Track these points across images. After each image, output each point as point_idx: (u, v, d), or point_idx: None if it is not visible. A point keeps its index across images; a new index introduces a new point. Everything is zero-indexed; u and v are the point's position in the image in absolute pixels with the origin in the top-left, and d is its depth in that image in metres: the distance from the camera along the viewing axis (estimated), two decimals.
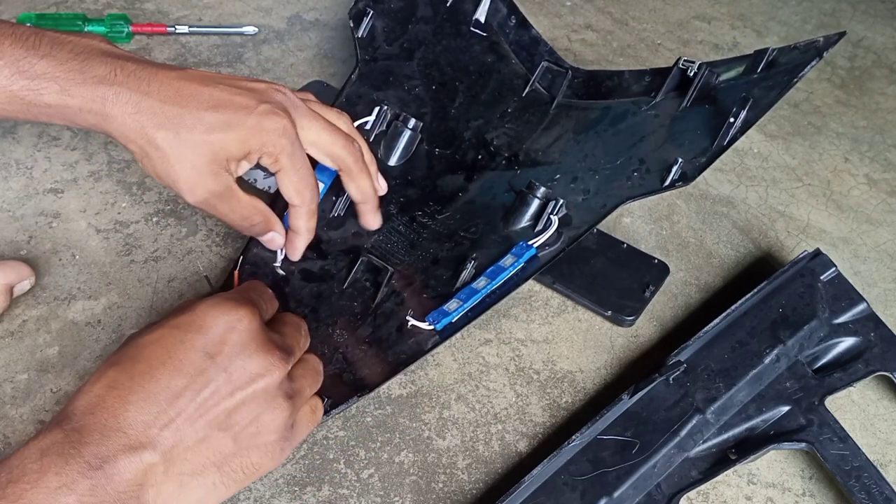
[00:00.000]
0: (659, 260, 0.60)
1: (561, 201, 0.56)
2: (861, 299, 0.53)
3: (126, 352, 0.37)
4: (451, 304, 0.52)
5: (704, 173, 0.69)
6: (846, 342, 0.53)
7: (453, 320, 0.51)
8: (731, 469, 0.48)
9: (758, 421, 0.49)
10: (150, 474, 0.34)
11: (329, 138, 0.50)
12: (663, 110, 0.60)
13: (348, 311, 0.52)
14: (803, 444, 0.48)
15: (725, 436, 0.49)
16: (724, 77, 0.58)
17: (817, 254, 0.55)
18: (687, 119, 0.58)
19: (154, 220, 0.61)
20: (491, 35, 0.67)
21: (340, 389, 0.48)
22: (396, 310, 0.52)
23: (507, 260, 0.54)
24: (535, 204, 0.56)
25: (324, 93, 0.70)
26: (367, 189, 0.53)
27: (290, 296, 0.53)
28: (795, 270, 0.54)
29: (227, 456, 0.37)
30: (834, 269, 0.55)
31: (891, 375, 0.51)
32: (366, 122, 0.61)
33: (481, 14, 0.66)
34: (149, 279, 0.57)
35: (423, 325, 0.51)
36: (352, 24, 0.64)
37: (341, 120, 0.54)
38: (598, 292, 0.57)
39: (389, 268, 0.52)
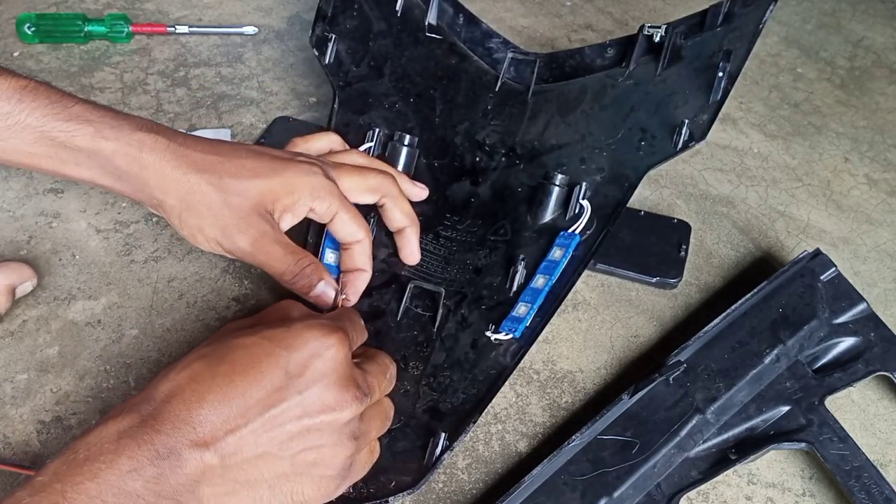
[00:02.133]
0: (679, 220, 0.63)
1: (584, 184, 0.56)
2: (861, 299, 0.53)
3: (216, 349, 0.37)
4: (521, 309, 0.51)
5: (704, 173, 0.70)
6: (846, 342, 0.53)
7: (528, 324, 0.51)
8: (731, 469, 0.48)
9: (758, 421, 0.49)
10: (208, 474, 0.35)
11: (361, 177, 0.52)
12: (640, 78, 0.61)
13: (412, 342, 0.52)
14: (803, 444, 0.48)
15: (725, 436, 0.49)
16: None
17: (817, 254, 0.55)
18: (669, 82, 0.60)
19: (154, 220, 0.61)
20: (446, 37, 0.67)
21: (448, 421, 0.47)
22: (460, 328, 0.52)
23: (556, 252, 0.54)
24: (557, 192, 0.57)
25: (290, 127, 0.69)
26: (410, 210, 0.54)
27: None
28: (795, 270, 0.54)
29: (281, 477, 0.37)
30: (834, 269, 0.55)
31: (891, 375, 0.51)
32: (365, 150, 0.61)
33: (432, 17, 0.66)
34: (149, 279, 0.57)
35: (503, 336, 0.51)
36: (316, 53, 0.63)
37: (360, 158, 0.55)
38: (637, 262, 0.59)
39: (441, 289, 0.52)
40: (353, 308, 0.49)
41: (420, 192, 0.59)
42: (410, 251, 0.55)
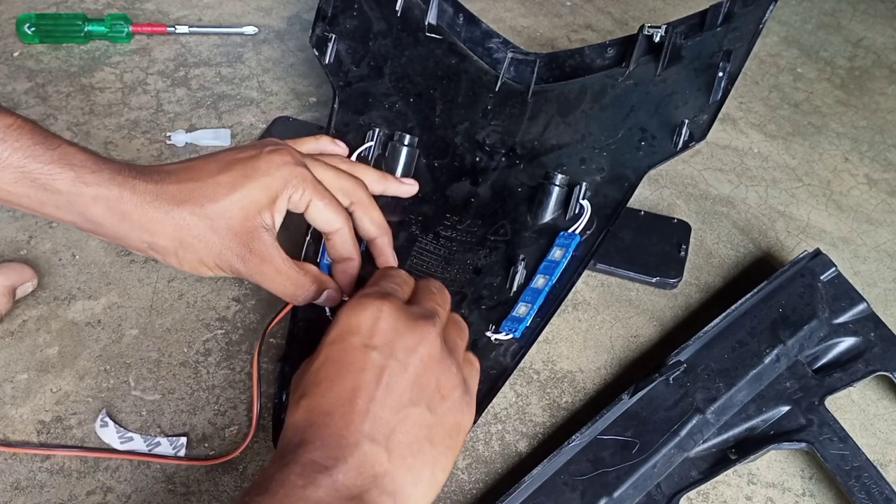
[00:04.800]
0: (679, 219, 0.63)
1: (584, 184, 0.56)
2: (861, 299, 0.53)
3: (306, 383, 0.39)
4: (521, 309, 0.51)
5: (704, 173, 0.70)
6: (846, 342, 0.53)
7: (528, 324, 0.51)
8: (731, 469, 0.48)
9: (758, 421, 0.49)
10: (377, 463, 0.36)
11: (334, 174, 0.51)
12: (640, 78, 0.61)
13: None
14: (803, 444, 0.48)
15: (725, 436, 0.49)
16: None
17: (817, 254, 0.55)
18: (668, 82, 0.60)
19: None
20: (446, 37, 0.67)
21: None
22: None
23: (556, 252, 0.54)
24: (557, 192, 0.57)
25: (290, 127, 0.69)
26: (380, 219, 0.53)
27: None
28: (795, 270, 0.54)
29: (431, 427, 0.38)
30: (834, 269, 0.55)
31: (891, 375, 0.51)
32: (365, 150, 0.61)
33: (432, 17, 0.66)
34: (149, 279, 0.57)
35: (503, 336, 0.51)
36: (316, 53, 0.64)
37: (342, 163, 0.55)
38: (637, 262, 0.59)
39: None
40: (392, 267, 0.51)
41: (409, 188, 0.59)
42: (385, 260, 0.54)
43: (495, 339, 0.51)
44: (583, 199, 0.57)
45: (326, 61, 0.64)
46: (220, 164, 0.47)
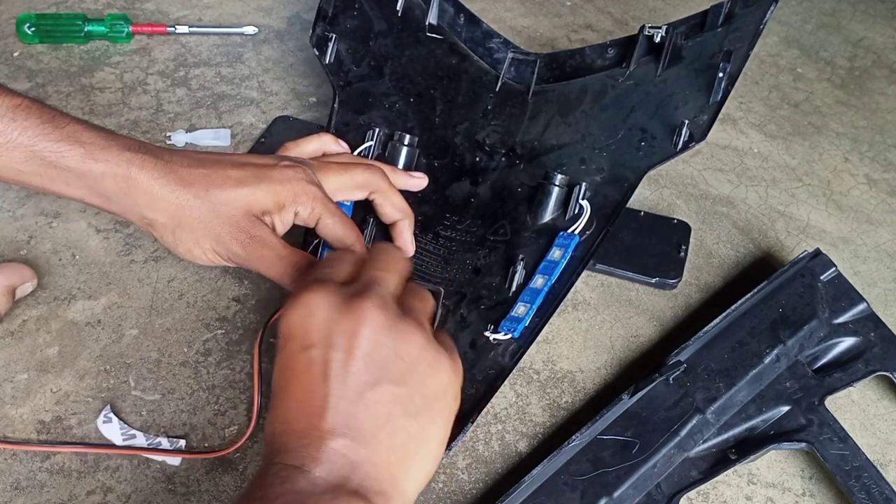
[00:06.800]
0: (679, 220, 0.63)
1: (584, 184, 0.57)
2: (861, 299, 0.53)
3: (271, 396, 0.38)
4: (520, 309, 0.52)
5: (704, 173, 0.70)
6: (846, 342, 0.53)
7: (527, 324, 0.51)
8: (731, 469, 0.48)
9: (758, 421, 0.49)
10: (350, 454, 0.34)
11: (347, 175, 0.52)
12: (640, 78, 0.61)
13: None
14: (803, 444, 0.48)
15: (725, 436, 0.49)
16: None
17: (817, 254, 0.55)
18: (669, 83, 0.60)
19: None
20: (447, 37, 0.67)
21: None
22: (459, 328, 0.52)
23: (555, 253, 0.54)
24: (556, 192, 0.57)
25: (290, 127, 0.69)
26: (402, 203, 0.54)
27: None
28: (795, 270, 0.54)
29: (404, 399, 0.36)
30: (834, 269, 0.55)
31: (891, 375, 0.51)
32: (365, 149, 0.61)
33: (432, 17, 0.66)
34: (149, 279, 0.57)
35: (501, 336, 0.51)
36: (317, 53, 0.64)
37: (350, 159, 0.55)
38: (637, 263, 0.59)
39: (440, 288, 0.52)
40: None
41: (419, 181, 0.59)
42: (403, 243, 0.55)
43: (494, 339, 0.51)
44: (582, 199, 0.57)
45: (326, 61, 0.64)
46: (233, 162, 0.48)
